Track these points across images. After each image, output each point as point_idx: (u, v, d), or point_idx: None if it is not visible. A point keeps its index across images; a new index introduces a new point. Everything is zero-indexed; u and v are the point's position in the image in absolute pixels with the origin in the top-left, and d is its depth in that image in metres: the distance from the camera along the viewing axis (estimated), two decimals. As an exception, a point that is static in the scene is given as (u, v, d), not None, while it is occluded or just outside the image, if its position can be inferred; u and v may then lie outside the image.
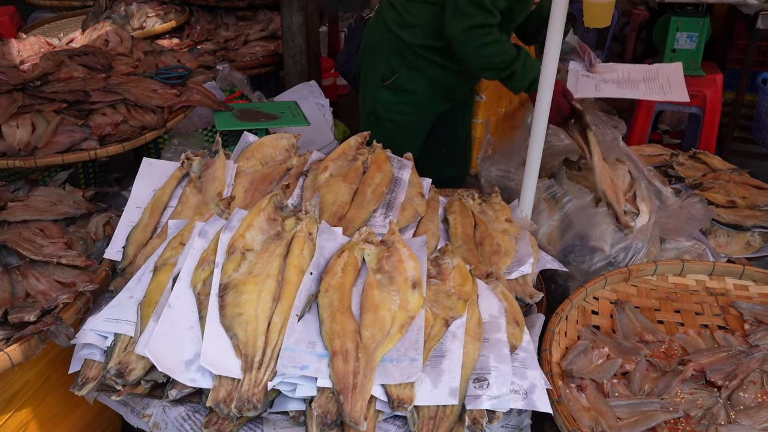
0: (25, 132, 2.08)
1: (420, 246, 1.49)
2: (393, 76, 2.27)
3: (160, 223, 1.67)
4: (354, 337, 1.24)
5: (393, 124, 2.34)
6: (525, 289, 1.57)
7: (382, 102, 2.33)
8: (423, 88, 2.27)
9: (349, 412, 1.14)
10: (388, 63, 2.26)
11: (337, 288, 1.34)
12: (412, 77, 2.25)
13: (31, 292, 1.50)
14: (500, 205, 1.85)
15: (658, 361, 1.40)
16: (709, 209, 2.04)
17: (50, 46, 2.86)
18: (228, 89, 3.03)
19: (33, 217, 1.75)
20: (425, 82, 2.26)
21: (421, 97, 2.30)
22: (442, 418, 1.17)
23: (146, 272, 1.45)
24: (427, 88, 2.28)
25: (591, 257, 1.77)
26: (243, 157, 1.87)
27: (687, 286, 1.70)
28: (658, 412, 1.25)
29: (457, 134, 2.59)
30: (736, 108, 3.65)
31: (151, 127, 2.24)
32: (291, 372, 1.20)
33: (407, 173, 1.86)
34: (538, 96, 1.68)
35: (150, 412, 1.28)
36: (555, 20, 1.58)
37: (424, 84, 2.27)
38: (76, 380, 1.29)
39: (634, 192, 1.96)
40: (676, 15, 3.20)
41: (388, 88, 2.30)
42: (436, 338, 1.28)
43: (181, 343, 1.26)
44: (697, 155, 2.52)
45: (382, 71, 2.29)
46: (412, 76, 2.25)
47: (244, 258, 1.37)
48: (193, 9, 3.88)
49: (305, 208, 1.52)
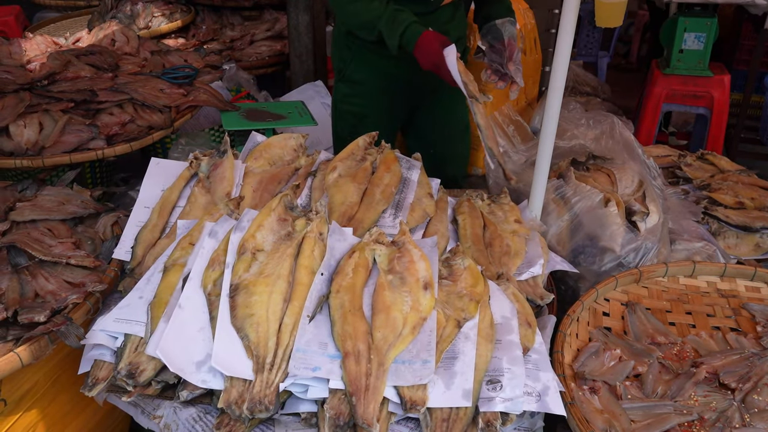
0: (33, 131, 2.08)
1: (431, 247, 1.49)
2: (345, 69, 2.28)
3: (169, 223, 1.66)
4: (366, 338, 1.24)
5: (352, 116, 2.34)
6: (536, 291, 1.56)
7: (340, 95, 2.34)
8: (369, 78, 2.25)
9: (362, 413, 1.13)
10: (341, 56, 2.28)
11: (348, 289, 1.33)
12: (358, 68, 2.25)
13: (41, 293, 1.50)
14: (509, 205, 1.84)
15: (670, 363, 1.39)
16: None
17: (57, 46, 2.86)
18: (234, 89, 3.03)
19: (41, 216, 1.75)
20: (369, 70, 2.23)
21: (369, 87, 2.27)
22: (456, 420, 1.17)
23: (156, 272, 1.44)
24: (373, 78, 2.25)
25: (601, 258, 1.76)
26: (251, 157, 1.86)
27: (698, 287, 1.69)
28: (671, 414, 1.24)
29: (445, 135, 2.43)
30: (743, 109, 3.64)
31: (159, 127, 2.24)
32: (303, 373, 1.19)
33: (416, 173, 1.85)
34: (548, 97, 1.67)
35: (161, 413, 1.28)
36: (566, 21, 1.57)
37: (369, 73, 2.24)
38: (86, 381, 1.28)
39: (643, 192, 1.95)
40: (683, 15, 3.19)
41: (343, 81, 2.31)
42: (448, 340, 1.27)
43: (191, 344, 1.25)
44: (704, 156, 2.50)
45: (338, 65, 2.31)
46: (358, 66, 2.25)
47: (255, 258, 1.37)
48: (198, 9, 3.89)
49: (315, 209, 1.51)
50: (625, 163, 2.09)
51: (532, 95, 3.14)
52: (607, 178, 2.01)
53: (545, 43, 3.02)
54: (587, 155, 2.15)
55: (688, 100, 3.31)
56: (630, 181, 1.98)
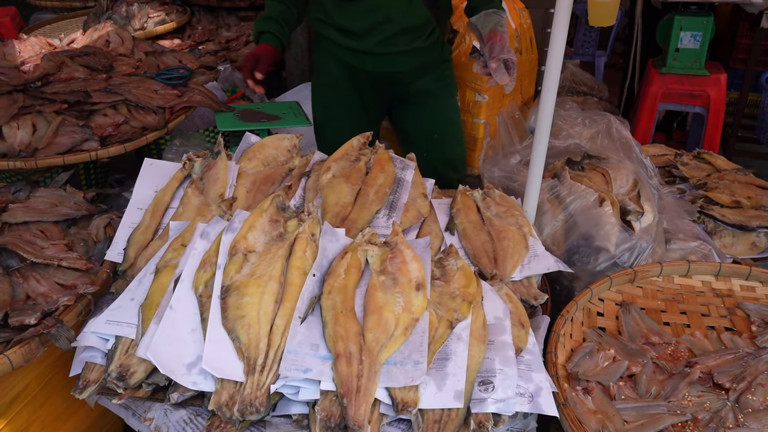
0: (26, 133, 2.07)
1: (424, 247, 1.48)
2: (315, 60, 2.34)
3: (162, 224, 1.65)
4: (357, 339, 1.23)
5: (322, 107, 2.37)
6: (530, 291, 1.55)
7: (313, 86, 2.40)
8: (332, 69, 2.27)
9: (353, 415, 1.12)
10: (314, 47, 2.34)
11: (340, 290, 1.32)
12: (322, 57, 2.29)
13: (32, 295, 1.49)
14: (502, 196, 1.83)
15: (664, 364, 1.39)
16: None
17: (51, 47, 2.86)
18: (229, 89, 3.02)
19: (34, 218, 1.74)
20: (331, 60, 2.25)
21: (333, 78, 2.28)
22: (447, 421, 1.16)
23: (147, 274, 1.43)
24: (335, 68, 2.26)
25: (596, 257, 1.75)
26: (245, 157, 1.86)
27: (693, 287, 1.68)
28: (665, 415, 1.24)
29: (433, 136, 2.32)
30: (740, 108, 3.63)
31: (153, 128, 2.23)
32: (294, 375, 1.18)
33: (410, 174, 1.84)
34: (542, 96, 1.66)
35: (151, 415, 1.27)
36: (559, 20, 1.56)
37: (331, 63, 2.26)
38: (77, 383, 1.28)
39: (638, 191, 1.95)
40: (679, 14, 3.19)
41: (314, 72, 2.37)
42: (440, 341, 1.27)
43: (182, 346, 1.24)
44: (701, 155, 2.50)
45: (312, 58, 2.40)
46: (321, 56, 2.29)
47: (246, 260, 1.36)
48: (194, 9, 3.88)
49: (308, 209, 1.50)
50: (621, 162, 2.09)
51: (529, 95, 3.13)
52: (602, 178, 2.01)
53: (541, 42, 3.01)
54: (582, 155, 2.14)
55: (685, 99, 3.31)
56: (625, 180, 1.98)
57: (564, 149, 2.22)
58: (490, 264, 1.60)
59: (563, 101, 2.48)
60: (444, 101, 2.33)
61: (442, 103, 2.31)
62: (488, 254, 1.63)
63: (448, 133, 2.36)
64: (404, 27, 2.10)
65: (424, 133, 2.33)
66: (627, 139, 2.20)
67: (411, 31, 2.12)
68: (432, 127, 2.33)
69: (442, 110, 2.33)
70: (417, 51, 2.16)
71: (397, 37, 2.11)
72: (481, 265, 1.59)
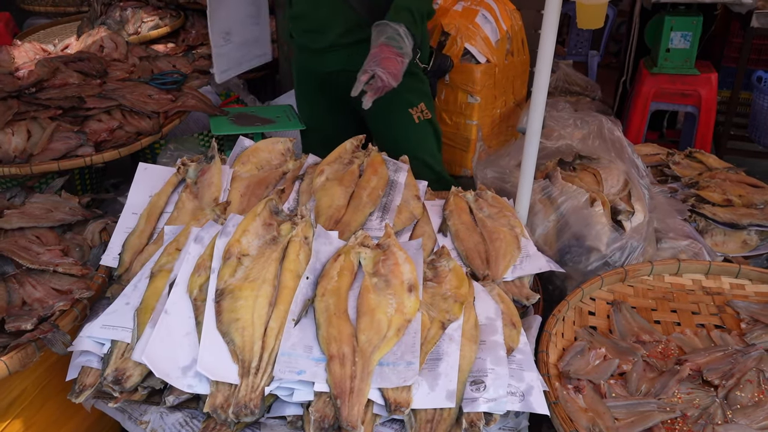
0: (21, 139, 2.08)
1: (416, 249, 1.49)
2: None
3: (157, 229, 1.67)
4: (351, 341, 1.24)
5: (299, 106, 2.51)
6: (522, 291, 1.57)
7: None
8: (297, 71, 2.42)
9: (347, 416, 1.14)
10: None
11: (333, 292, 1.34)
12: (293, 62, 2.44)
13: (28, 300, 1.50)
14: (494, 197, 1.85)
15: (655, 361, 1.40)
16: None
17: (45, 53, 2.86)
18: (224, 93, 3.04)
19: (29, 224, 1.75)
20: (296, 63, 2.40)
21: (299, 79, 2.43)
22: (440, 421, 1.17)
23: (142, 278, 1.45)
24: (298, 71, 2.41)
25: (587, 257, 1.77)
26: (239, 161, 1.87)
27: (683, 285, 1.70)
28: (655, 412, 1.25)
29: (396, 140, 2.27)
30: (732, 106, 3.66)
31: (147, 133, 2.24)
32: (288, 377, 1.20)
33: (403, 176, 1.86)
34: (533, 97, 1.68)
35: (147, 418, 1.28)
36: (548, 21, 1.58)
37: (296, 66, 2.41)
38: (73, 388, 1.28)
39: (629, 191, 1.97)
40: (669, 14, 3.21)
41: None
42: (432, 341, 1.28)
43: (177, 349, 1.26)
44: (693, 154, 2.52)
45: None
46: (293, 60, 2.43)
47: (240, 263, 1.37)
48: (188, 13, 3.88)
49: (301, 213, 1.52)
50: (612, 162, 2.10)
51: (521, 96, 3.15)
52: (593, 178, 2.02)
53: (533, 44, 3.03)
54: (574, 155, 2.16)
55: (676, 99, 3.33)
56: (616, 180, 1.99)
57: (556, 150, 2.23)
58: (482, 265, 1.61)
59: (556, 102, 2.50)
60: (396, 104, 2.23)
61: (393, 106, 2.22)
62: (481, 255, 1.64)
63: (400, 135, 2.29)
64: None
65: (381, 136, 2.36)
66: (619, 139, 2.22)
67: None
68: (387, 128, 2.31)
69: (394, 113, 2.26)
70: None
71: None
72: (473, 266, 1.61)
